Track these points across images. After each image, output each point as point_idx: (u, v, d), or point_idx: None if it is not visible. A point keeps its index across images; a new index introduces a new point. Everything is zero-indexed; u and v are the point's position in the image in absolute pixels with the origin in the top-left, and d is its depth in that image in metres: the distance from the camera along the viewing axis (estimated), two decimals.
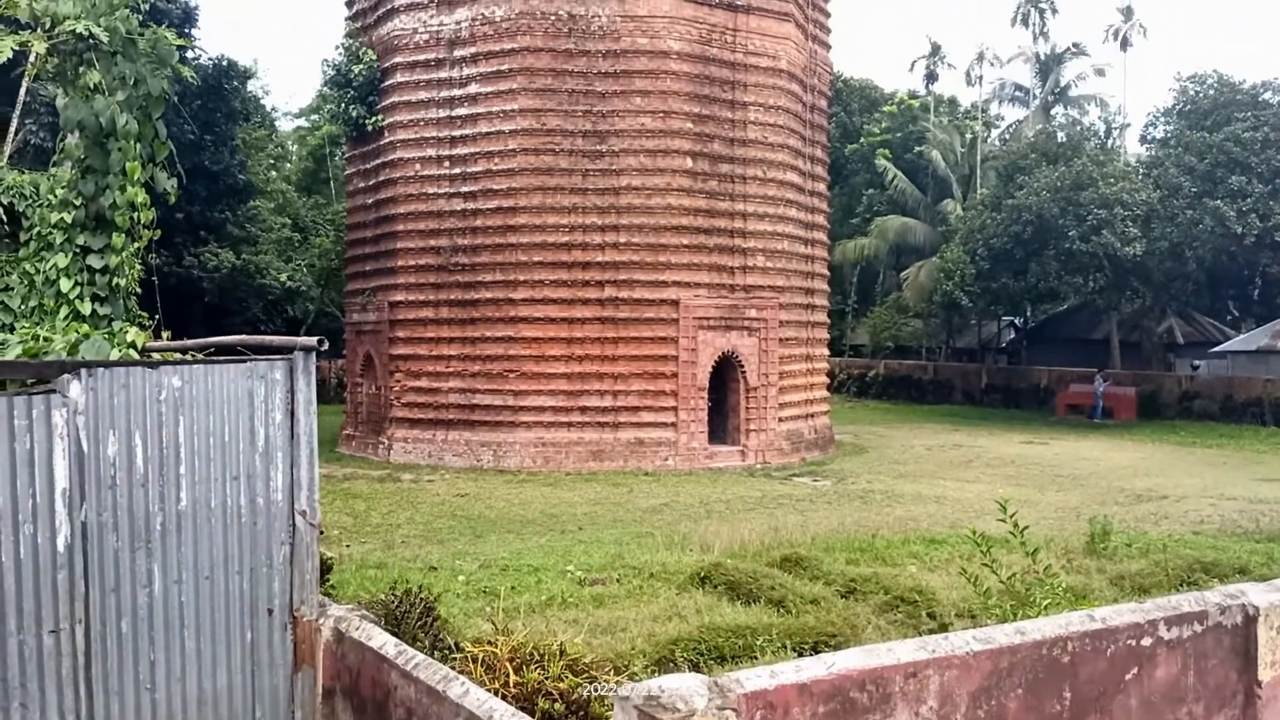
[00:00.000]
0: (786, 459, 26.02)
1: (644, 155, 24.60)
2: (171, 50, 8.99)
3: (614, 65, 24.55)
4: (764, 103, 25.99)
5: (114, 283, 8.69)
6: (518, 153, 24.51)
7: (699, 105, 25.05)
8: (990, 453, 28.11)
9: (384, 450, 25.76)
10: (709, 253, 25.16)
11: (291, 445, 6.36)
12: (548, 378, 24.41)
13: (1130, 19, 57.29)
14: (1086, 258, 34.70)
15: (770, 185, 26.17)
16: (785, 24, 26.44)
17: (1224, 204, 33.26)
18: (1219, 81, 37.87)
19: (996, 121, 63.89)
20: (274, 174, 49.59)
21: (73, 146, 8.99)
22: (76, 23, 8.28)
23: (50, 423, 5.45)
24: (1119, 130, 56.19)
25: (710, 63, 25.24)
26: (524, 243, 24.47)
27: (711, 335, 25.14)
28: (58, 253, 8.73)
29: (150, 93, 8.81)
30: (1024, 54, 58.80)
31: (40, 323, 8.68)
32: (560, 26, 24.50)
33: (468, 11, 25.05)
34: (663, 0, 24.66)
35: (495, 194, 24.71)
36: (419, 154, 25.67)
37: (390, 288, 26.22)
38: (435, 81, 25.49)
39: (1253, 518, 17.63)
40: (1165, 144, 38.76)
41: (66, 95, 8.94)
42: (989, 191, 41.74)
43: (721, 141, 25.43)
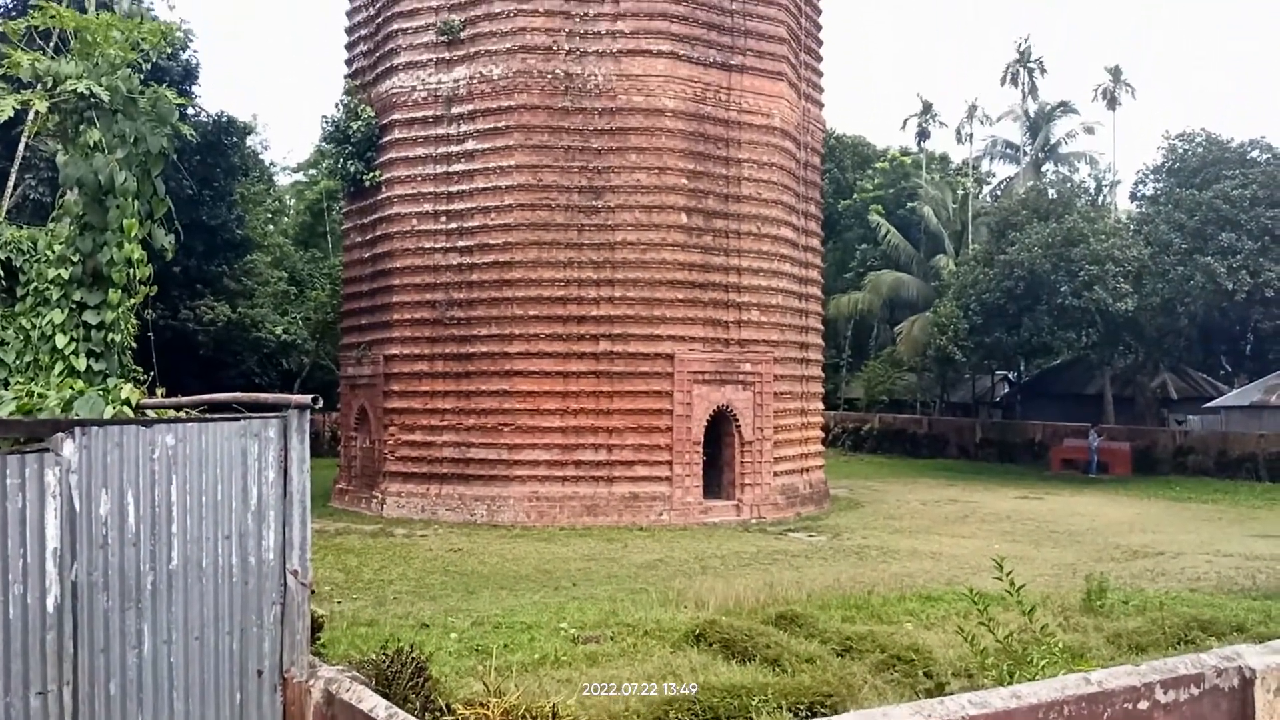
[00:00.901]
0: (781, 514, 25.91)
1: (639, 211, 24.80)
2: (172, 109, 9.09)
3: (610, 123, 24.82)
4: (758, 159, 26.26)
5: (109, 338, 8.70)
6: (514, 208, 24.69)
7: (694, 162, 25.30)
8: (985, 508, 28.02)
9: (377, 505, 25.63)
10: (704, 307, 25.26)
11: (284, 504, 6.33)
12: (542, 431, 24.38)
13: (1118, 79, 58.13)
14: (1079, 313, 34.90)
15: (765, 240, 26.35)
16: (778, 83, 26.80)
17: (1214, 260, 33.53)
18: (1207, 140, 38.37)
19: (988, 178, 64.59)
20: (271, 228, 49.85)
21: (71, 203, 9.05)
22: (78, 82, 8.38)
23: (43, 481, 5.43)
24: (1109, 187, 56.85)
25: (705, 120, 25.54)
26: (519, 296, 24.57)
27: (706, 389, 25.16)
28: (54, 308, 8.76)
29: (150, 150, 8.89)
30: (1014, 112, 59.58)
31: (35, 378, 8.68)
32: (557, 85, 24.82)
33: (466, 70, 25.37)
34: (658, 60, 25.01)
35: (491, 249, 24.85)
36: (416, 209, 25.86)
37: (385, 341, 26.25)
38: (433, 138, 25.74)
39: (1249, 574, 17.54)
40: (1155, 201, 39.16)
41: (66, 153, 9.02)
42: (981, 247, 42.08)
43: (716, 197, 25.64)
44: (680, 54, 25.18)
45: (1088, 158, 58.14)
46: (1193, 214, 35.07)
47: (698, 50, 25.43)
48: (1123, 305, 34.02)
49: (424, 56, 25.93)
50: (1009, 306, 36.54)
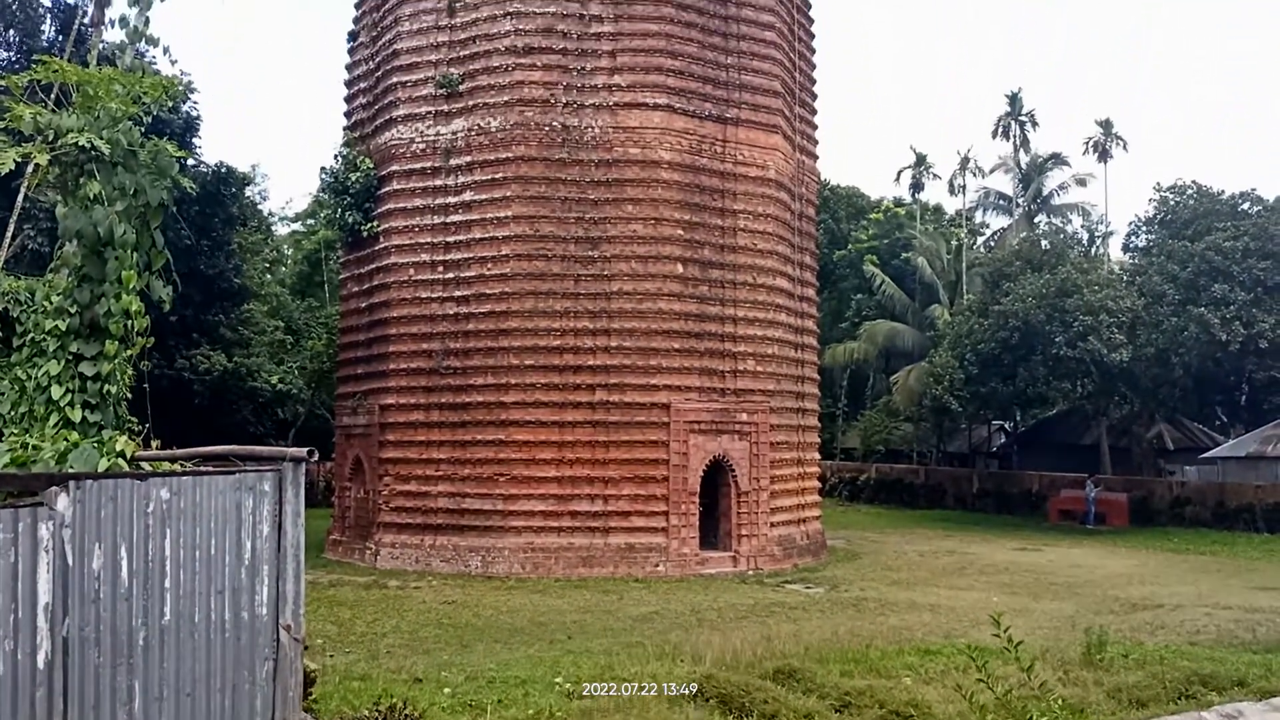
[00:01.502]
0: (779, 565, 25.75)
1: (635, 261, 24.92)
2: (172, 162, 9.15)
3: (606, 174, 25.03)
4: (753, 210, 26.45)
5: (105, 390, 8.68)
6: (510, 258, 24.80)
7: (689, 213, 25.47)
8: (983, 559, 27.87)
9: (371, 556, 25.44)
10: (700, 357, 25.29)
11: (278, 558, 6.29)
12: (538, 481, 24.29)
13: (1109, 132, 58.80)
14: (1074, 363, 34.99)
15: (760, 290, 26.46)
16: (773, 135, 27.07)
17: (1208, 311, 33.71)
18: (1198, 192, 38.77)
19: (981, 229, 65.07)
20: (269, 277, 50.00)
21: (70, 254, 9.08)
22: (80, 136, 8.43)
23: (36, 536, 5.40)
24: (1102, 238, 57.27)
25: (700, 172, 25.75)
26: (516, 346, 24.60)
27: (702, 439, 25.12)
28: (50, 359, 8.73)
29: (149, 203, 8.93)
30: (1005, 164, 60.15)
31: (29, 430, 8.64)
32: (554, 137, 25.04)
33: (464, 122, 25.62)
34: (654, 113, 25.27)
35: (488, 298, 24.92)
36: (413, 259, 25.96)
37: (381, 391, 26.22)
38: (431, 189, 25.92)
39: (1249, 627, 17.43)
40: (1148, 252, 39.46)
41: (66, 205, 9.06)
42: (975, 297, 42.29)
43: (712, 248, 25.79)
44: (676, 107, 25.45)
45: (1080, 209, 58.66)
46: (1185, 265, 35.32)
47: (693, 103, 25.72)
48: (1117, 356, 34.13)
49: (423, 109, 26.19)
50: (1004, 357, 36.64)
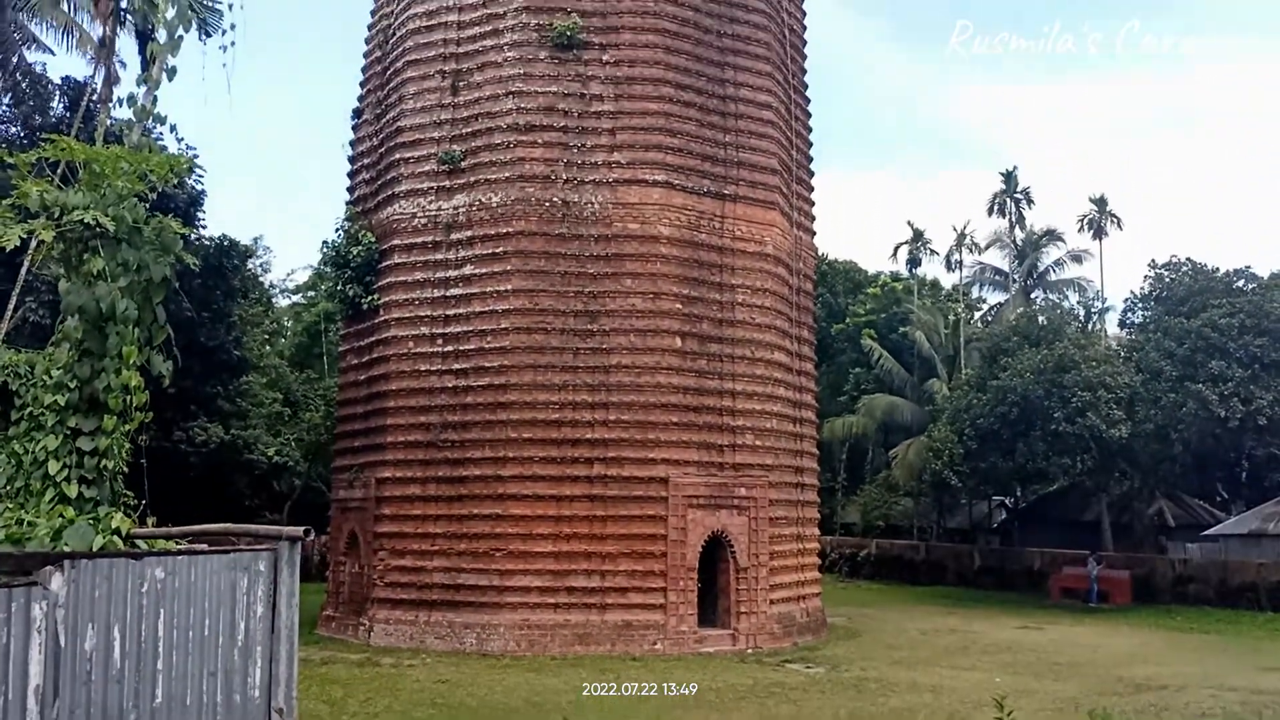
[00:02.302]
0: (778, 643, 25.40)
1: (634, 335, 25.00)
2: (175, 238, 9.24)
3: (605, 249, 25.23)
4: (751, 285, 26.61)
5: (102, 465, 8.64)
6: (510, 331, 24.89)
7: (688, 287, 25.62)
8: (986, 638, 27.51)
9: (364, 632, 25.10)
10: (698, 431, 25.24)
11: (271, 639, 6.21)
12: (534, 556, 24.06)
13: (1104, 209, 59.40)
14: (1073, 439, 34.93)
15: (759, 365, 26.51)
16: (771, 211, 27.36)
17: (1206, 388, 33.76)
18: (1193, 269, 39.09)
19: (978, 304, 65.42)
20: (268, 349, 50.10)
21: (71, 329, 9.11)
22: (85, 213, 8.52)
23: (29, 616, 5.33)
24: (1098, 314, 57.55)
25: (699, 247, 25.97)
26: (514, 419, 24.55)
27: (701, 514, 24.95)
28: (48, 434, 8.72)
29: (152, 278, 8.99)
30: (1001, 240, 60.68)
31: (25, 504, 8.58)
32: (554, 212, 25.30)
33: (465, 198, 25.90)
34: (653, 189, 25.57)
35: (486, 371, 24.95)
36: (413, 332, 26.04)
37: (378, 464, 26.11)
38: (431, 263, 26.11)
39: (1255, 709, 17.15)
40: (1144, 329, 39.66)
41: (70, 280, 9.12)
42: (974, 372, 42.37)
43: (710, 322, 25.89)
44: (675, 183, 25.76)
45: (1076, 285, 59.04)
46: (1182, 342, 35.47)
47: (692, 180, 26.04)
48: (1116, 432, 34.09)
49: (425, 185, 26.49)
50: (1003, 432, 36.59)
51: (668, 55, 26.09)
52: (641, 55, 25.96)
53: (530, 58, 25.85)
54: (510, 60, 25.94)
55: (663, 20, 26.17)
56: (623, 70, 25.89)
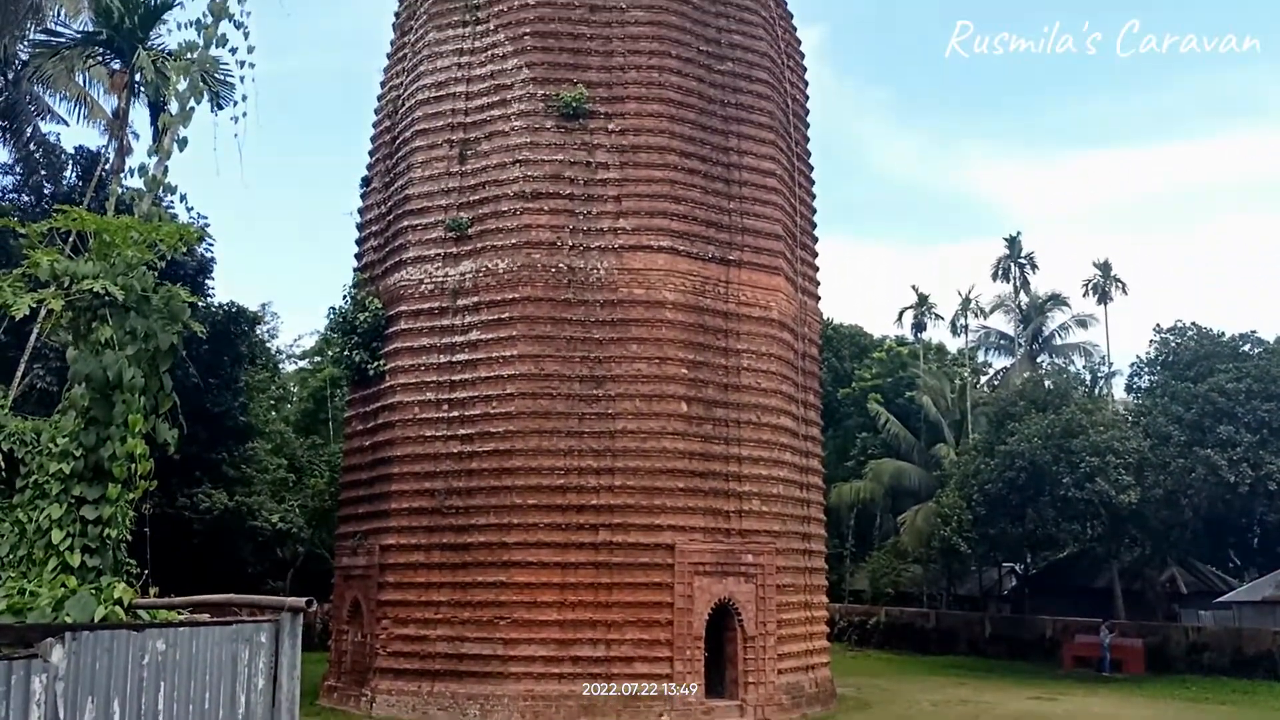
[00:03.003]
0: (787, 714, 24.97)
1: (639, 400, 24.98)
2: (184, 307, 9.28)
3: (611, 314, 25.32)
4: (757, 350, 26.64)
5: (106, 534, 8.59)
6: (515, 397, 24.88)
7: (694, 352, 25.66)
8: (998, 709, 27.03)
9: (367, 703, 24.73)
10: (704, 497, 25.09)
11: (272, 713, 6.11)
12: (539, 625, 23.78)
13: (1108, 274, 59.61)
14: (1082, 505, 34.67)
15: (765, 430, 26.43)
16: (775, 277, 27.48)
17: (1215, 453, 33.57)
18: (1198, 333, 39.11)
19: (984, 368, 65.35)
20: (274, 414, 50.13)
21: (78, 397, 9.11)
22: (95, 282, 8.58)
23: (29, 689, 5.25)
24: (1104, 379, 57.44)
25: (704, 312, 26.05)
26: (519, 485, 24.44)
27: (708, 581, 24.69)
28: (53, 503, 8.68)
29: (159, 347, 9.02)
30: (1006, 304, 60.80)
31: (27, 574, 8.52)
32: (560, 278, 25.45)
33: (472, 264, 26.07)
34: (658, 255, 25.73)
35: (492, 437, 24.90)
36: (418, 397, 26.04)
37: (382, 531, 25.94)
38: (438, 329, 26.20)
39: None
40: (1151, 393, 39.55)
41: (77, 348, 9.15)
42: (981, 437, 42.21)
43: (716, 387, 25.88)
44: (680, 249, 25.93)
45: (1082, 349, 58.98)
46: (1189, 407, 35.35)
47: (697, 245, 26.20)
48: (1125, 498, 33.84)
49: (432, 251, 26.69)
50: (1012, 497, 36.33)
51: (672, 124, 26.43)
52: (646, 124, 26.31)
53: (537, 127, 26.21)
54: (517, 129, 26.29)
55: (667, 90, 26.57)
56: (628, 139, 26.21)
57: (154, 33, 27.83)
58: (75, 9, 27.18)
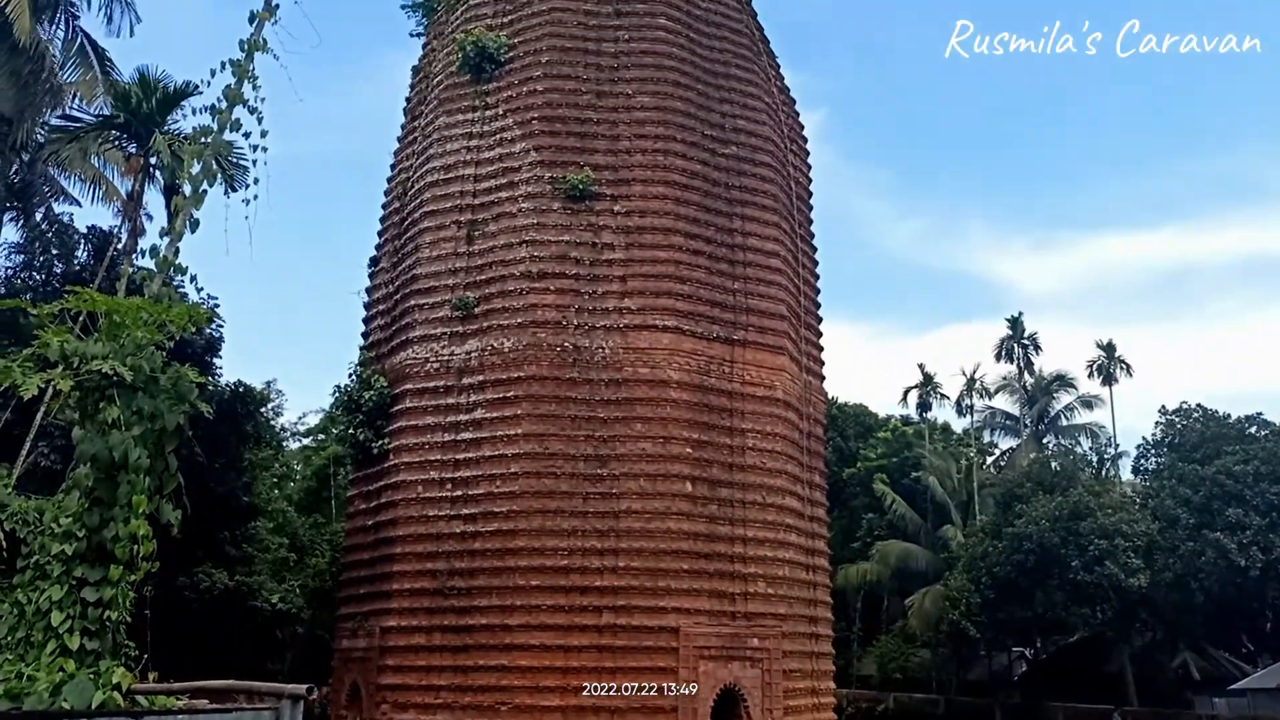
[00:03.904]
0: None
1: (644, 479, 24.86)
2: (191, 387, 9.30)
3: (616, 393, 25.34)
4: (762, 430, 26.58)
5: (106, 616, 8.49)
6: (519, 475, 24.77)
7: (698, 432, 25.60)
8: None
9: None
10: (709, 578, 24.81)
11: None
12: (541, 711, 23.33)
13: (1112, 355, 59.62)
14: (1092, 588, 34.28)
15: (770, 510, 26.24)
16: (780, 356, 27.55)
17: (1224, 536, 33.28)
18: (1204, 416, 39.04)
19: (990, 449, 65.06)
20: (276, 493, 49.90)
21: (82, 476, 9.08)
22: (104, 362, 8.62)
23: None
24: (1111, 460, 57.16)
25: (709, 392, 26.06)
26: (522, 566, 24.20)
27: (713, 666, 24.29)
28: (53, 584, 8.59)
29: (166, 427, 9.01)
30: (1011, 385, 60.77)
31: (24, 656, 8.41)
32: (565, 357, 25.53)
33: (478, 342, 26.19)
34: (663, 334, 25.85)
35: (495, 516, 24.73)
36: (422, 476, 25.95)
37: (383, 612, 25.63)
38: (442, 407, 26.21)
39: None
40: (1158, 475, 39.36)
41: (83, 427, 9.14)
42: (988, 519, 41.91)
43: (721, 467, 25.77)
44: (685, 328, 26.05)
45: (1088, 431, 58.77)
46: (1197, 489, 35.15)
47: (701, 325, 26.33)
48: (1135, 581, 33.47)
49: (438, 330, 26.83)
50: (1020, 580, 35.94)
51: (677, 206, 26.76)
52: (652, 206, 26.64)
53: (544, 208, 26.54)
54: (524, 211, 26.62)
55: (672, 173, 26.95)
56: (633, 220, 26.51)
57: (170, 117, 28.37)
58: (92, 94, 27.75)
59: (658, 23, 28.28)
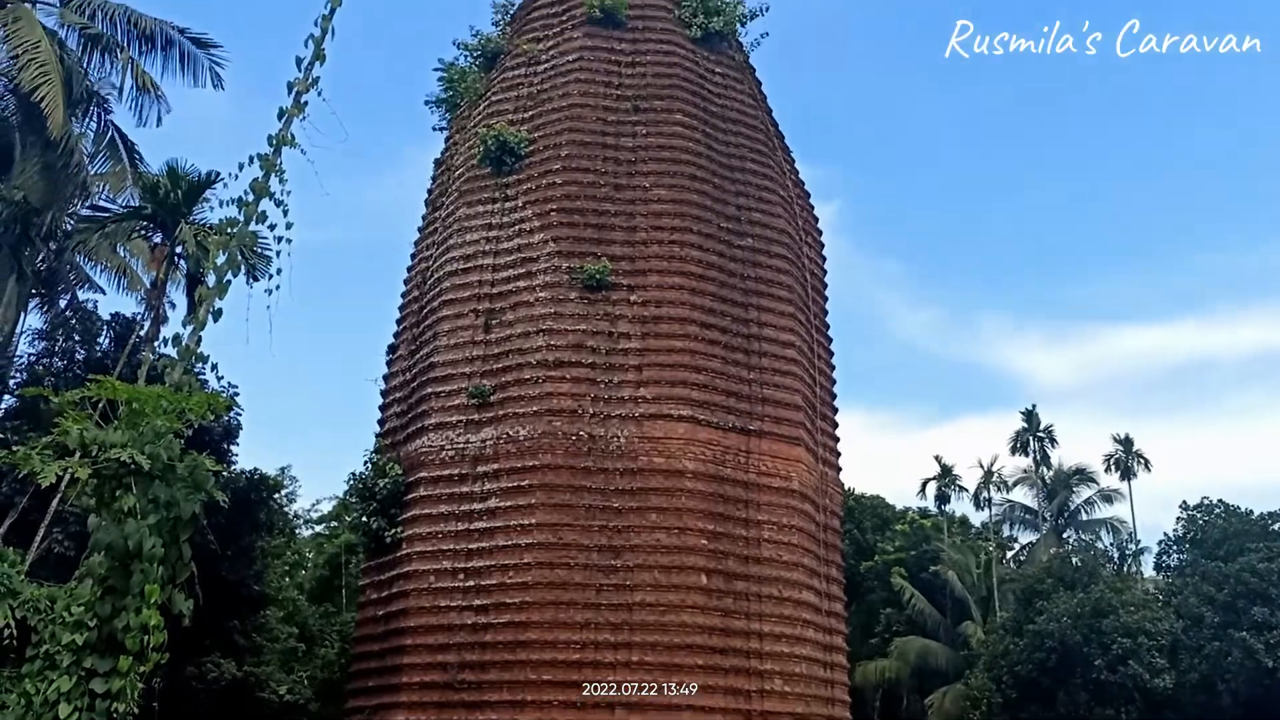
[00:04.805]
0: None
1: (659, 571, 24.60)
2: (208, 475, 9.34)
3: (631, 483, 25.23)
4: (778, 522, 26.34)
5: (114, 708, 8.41)
6: (532, 566, 24.55)
7: (714, 523, 25.39)
8: None
9: None
10: (725, 675, 24.35)
11: None
12: None
13: (1129, 450, 59.05)
14: (1116, 689, 33.48)
15: (786, 605, 25.85)
16: (796, 447, 27.43)
17: (1250, 636, 32.57)
18: (1226, 511, 38.53)
19: (1010, 543, 64.14)
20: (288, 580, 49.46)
21: (96, 564, 9.07)
22: (122, 450, 8.68)
23: None
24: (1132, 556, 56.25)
25: (725, 482, 25.92)
26: (534, 660, 23.83)
27: None
28: (62, 675, 8.53)
29: (181, 516, 9.03)
30: (1030, 478, 60.17)
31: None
32: (580, 446, 25.49)
33: (493, 431, 26.20)
34: (678, 424, 25.82)
35: (507, 608, 24.44)
36: (434, 566, 25.73)
37: (392, 706, 25.18)
38: (457, 496, 26.12)
39: None
40: (1181, 572, 38.73)
41: (99, 515, 9.17)
42: (1009, 615, 41.16)
43: (736, 559, 25.49)
44: (700, 418, 26.03)
45: (1109, 526, 57.95)
46: (1221, 587, 34.53)
47: (717, 415, 26.31)
48: (1160, 681, 32.70)
49: (454, 418, 26.87)
50: (1042, 680, 35.13)
51: (693, 296, 26.98)
52: (668, 296, 26.86)
53: (561, 298, 26.79)
54: (542, 300, 26.87)
55: (688, 264, 27.23)
56: (650, 310, 26.72)
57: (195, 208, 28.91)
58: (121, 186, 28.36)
59: (674, 118, 28.86)
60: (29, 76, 23.05)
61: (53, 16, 26.98)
